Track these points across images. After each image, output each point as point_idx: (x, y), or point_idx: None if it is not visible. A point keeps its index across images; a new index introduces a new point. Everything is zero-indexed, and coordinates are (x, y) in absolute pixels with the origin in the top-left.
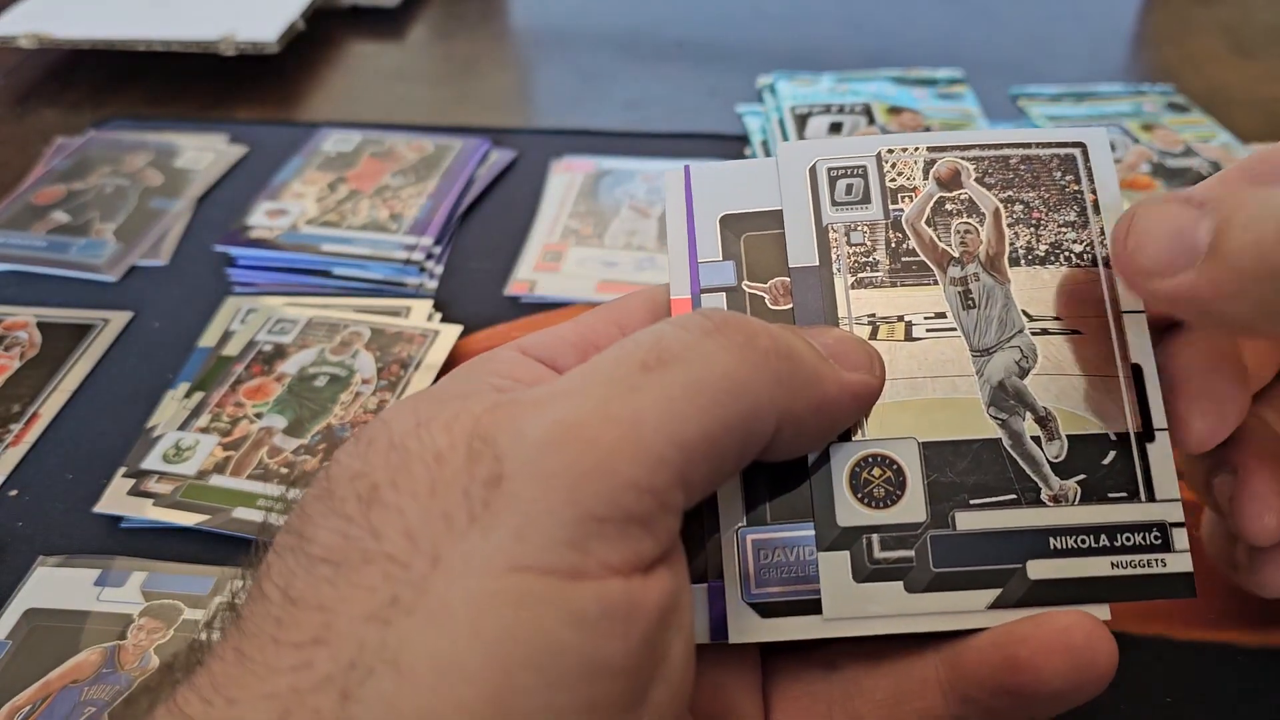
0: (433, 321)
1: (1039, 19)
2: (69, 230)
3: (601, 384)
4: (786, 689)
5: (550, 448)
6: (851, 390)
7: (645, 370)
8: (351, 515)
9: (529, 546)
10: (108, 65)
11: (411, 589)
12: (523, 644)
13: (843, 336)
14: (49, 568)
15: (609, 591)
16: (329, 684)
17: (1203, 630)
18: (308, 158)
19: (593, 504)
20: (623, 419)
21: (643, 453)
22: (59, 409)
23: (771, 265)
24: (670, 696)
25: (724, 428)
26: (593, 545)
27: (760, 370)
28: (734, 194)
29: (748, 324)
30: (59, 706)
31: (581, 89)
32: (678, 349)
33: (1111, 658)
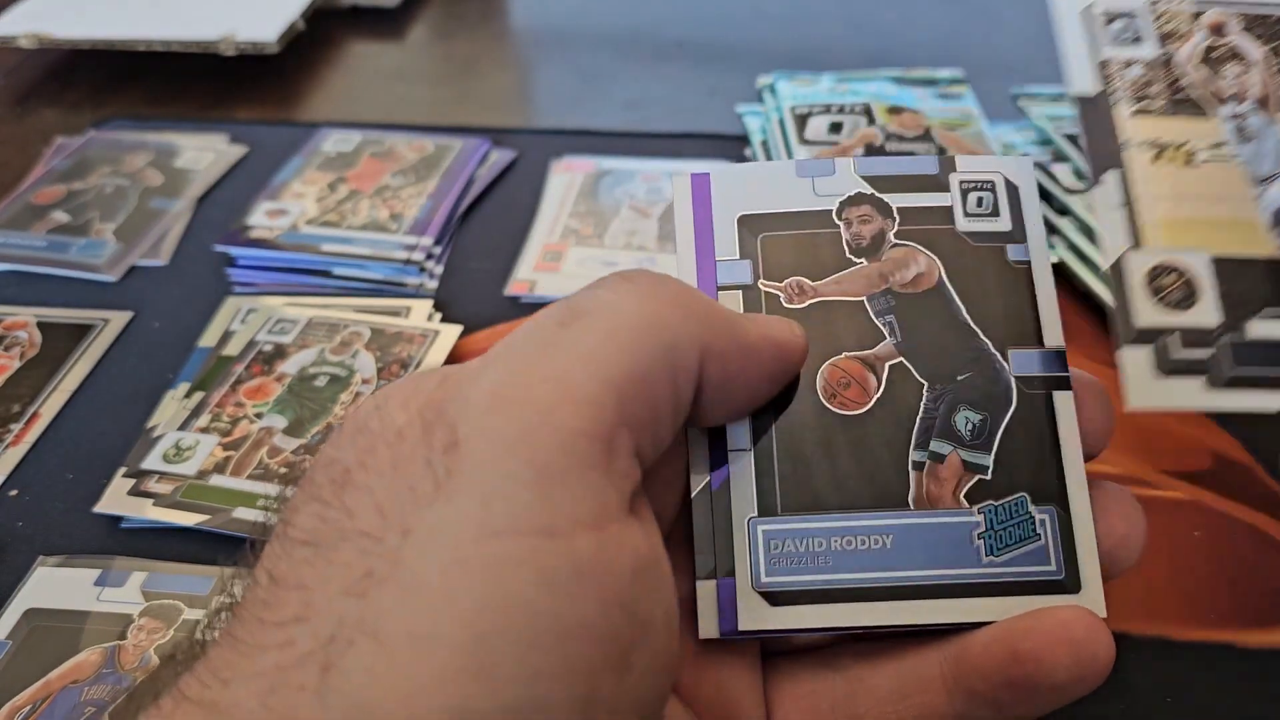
0: (433, 321)
1: (1039, 19)
2: (69, 230)
3: (526, 344)
4: (788, 687)
5: (494, 408)
6: (774, 340)
7: (562, 326)
8: (326, 498)
9: (495, 510)
10: (108, 65)
11: (385, 561)
12: (496, 608)
13: (760, 315)
14: (49, 568)
15: (580, 549)
16: (310, 659)
17: (1203, 630)
18: (308, 158)
19: (546, 458)
20: (552, 372)
21: (578, 399)
22: (59, 409)
23: (787, 265)
24: (653, 663)
25: (647, 361)
26: (557, 500)
27: (671, 307)
28: (752, 195)
29: (657, 274)
30: (59, 706)
31: (581, 89)
32: (588, 303)
33: (1110, 650)
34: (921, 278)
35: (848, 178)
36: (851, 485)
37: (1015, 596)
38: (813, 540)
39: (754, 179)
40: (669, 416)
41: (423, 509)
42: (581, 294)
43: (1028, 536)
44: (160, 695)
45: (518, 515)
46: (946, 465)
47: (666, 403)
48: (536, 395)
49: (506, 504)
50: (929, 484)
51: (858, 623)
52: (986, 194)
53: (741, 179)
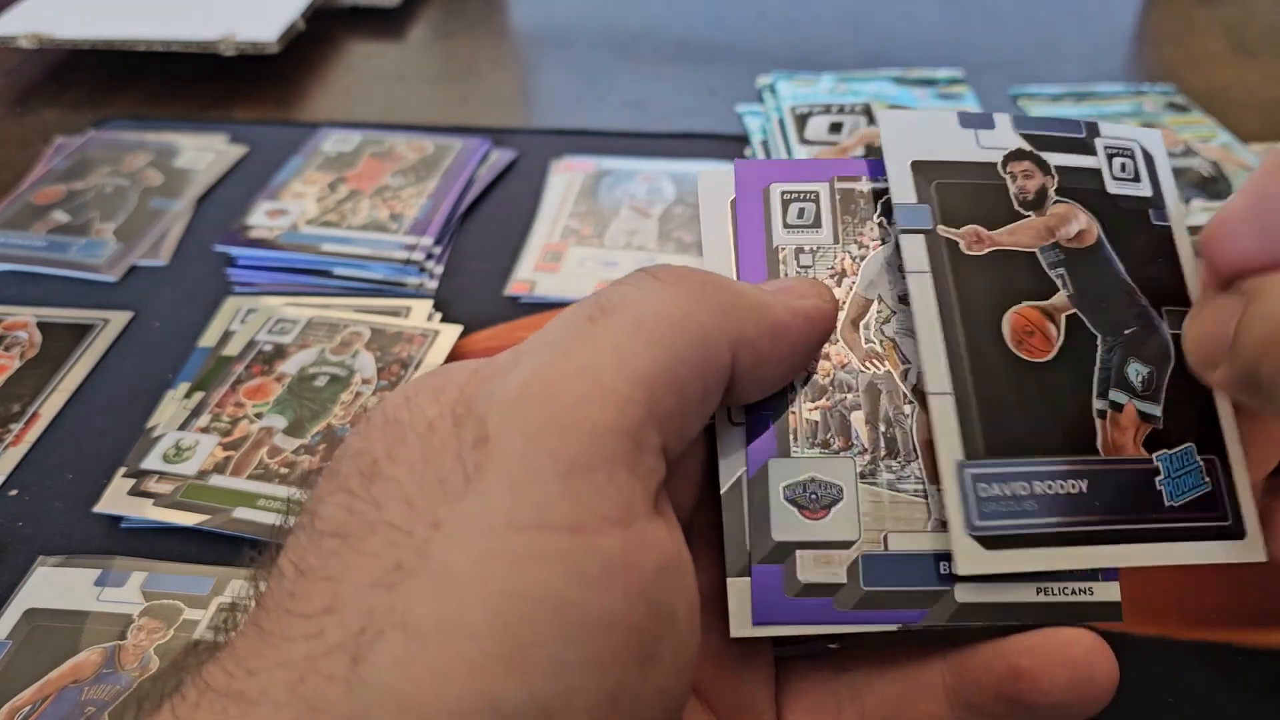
0: (433, 321)
1: (1039, 19)
2: (69, 230)
3: (555, 340)
4: (798, 687)
5: (524, 403)
6: (803, 313)
7: (591, 321)
8: (354, 490)
9: (525, 504)
10: (108, 65)
11: (414, 553)
12: (526, 600)
13: (787, 278)
14: (49, 568)
15: (608, 545)
16: (340, 650)
17: (1203, 630)
18: (308, 158)
19: (576, 453)
20: (583, 367)
21: (607, 395)
22: (59, 409)
23: (962, 213)
24: (676, 657)
25: (677, 358)
26: (585, 496)
27: (700, 302)
28: (922, 142)
29: (681, 268)
30: (59, 706)
31: (581, 89)
32: (617, 299)
33: (1111, 676)
34: (1084, 234)
35: (1008, 133)
36: (1046, 431)
37: (1193, 542)
38: (1020, 484)
39: (923, 126)
40: (697, 411)
41: (452, 502)
42: (609, 290)
43: (1199, 485)
44: (182, 685)
45: (546, 510)
46: (1125, 414)
47: (695, 398)
48: (566, 390)
49: (535, 498)
50: (1112, 432)
51: (1066, 566)
52: (1129, 160)
53: (911, 125)
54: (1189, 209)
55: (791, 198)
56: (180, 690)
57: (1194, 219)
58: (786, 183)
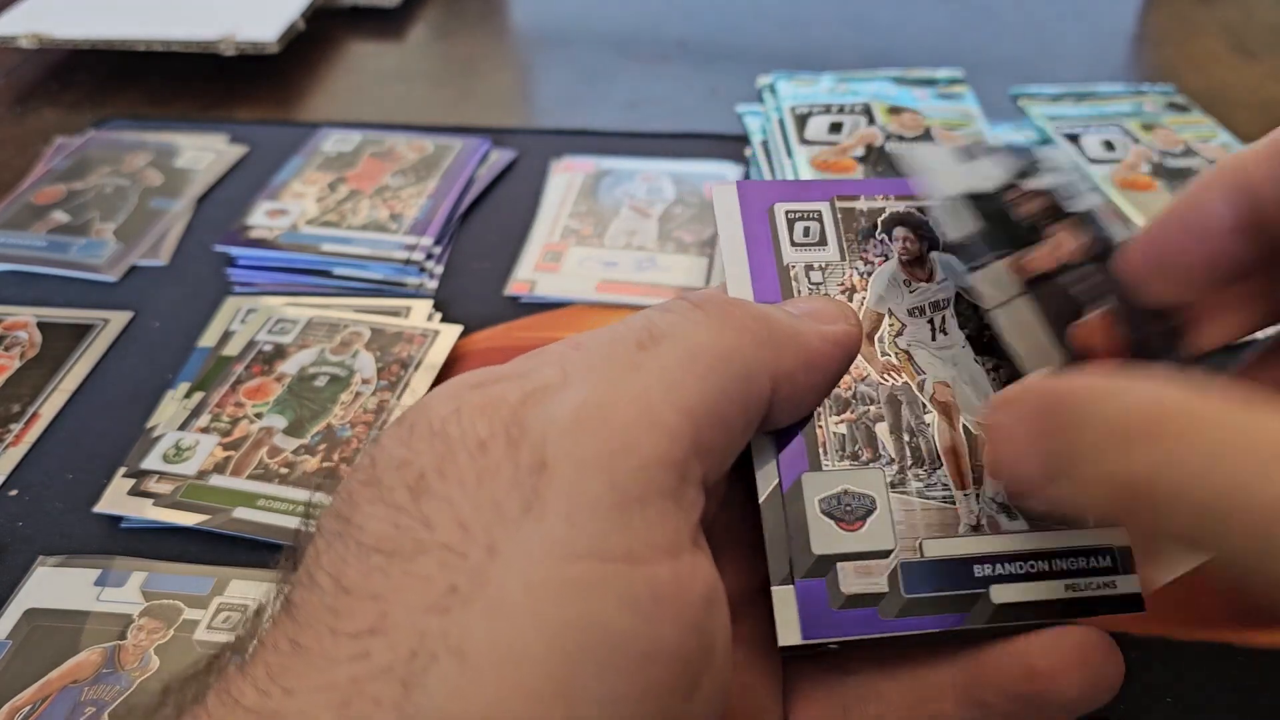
0: (433, 321)
1: (1039, 19)
2: (69, 230)
3: (604, 364)
4: (805, 691)
5: (579, 431)
6: (833, 340)
7: (640, 348)
8: (401, 504)
9: (582, 533)
10: (108, 65)
11: (470, 578)
12: (583, 630)
13: (813, 299)
14: (49, 568)
15: (659, 576)
16: (389, 674)
17: (1203, 630)
18: (308, 158)
19: (627, 484)
20: (634, 396)
21: (657, 426)
22: (59, 409)
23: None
24: (715, 687)
25: (722, 392)
26: (637, 527)
27: (742, 335)
28: (952, 175)
29: (722, 298)
30: (59, 706)
31: (581, 89)
32: (665, 327)
33: (1120, 670)
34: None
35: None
36: None
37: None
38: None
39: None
40: (737, 443)
41: (509, 528)
42: (656, 317)
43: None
44: (203, 697)
45: (601, 540)
46: None
47: (737, 430)
48: (619, 419)
49: (591, 528)
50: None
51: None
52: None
53: (939, 159)
54: None
55: (796, 216)
56: (204, 703)
57: None
58: (789, 202)
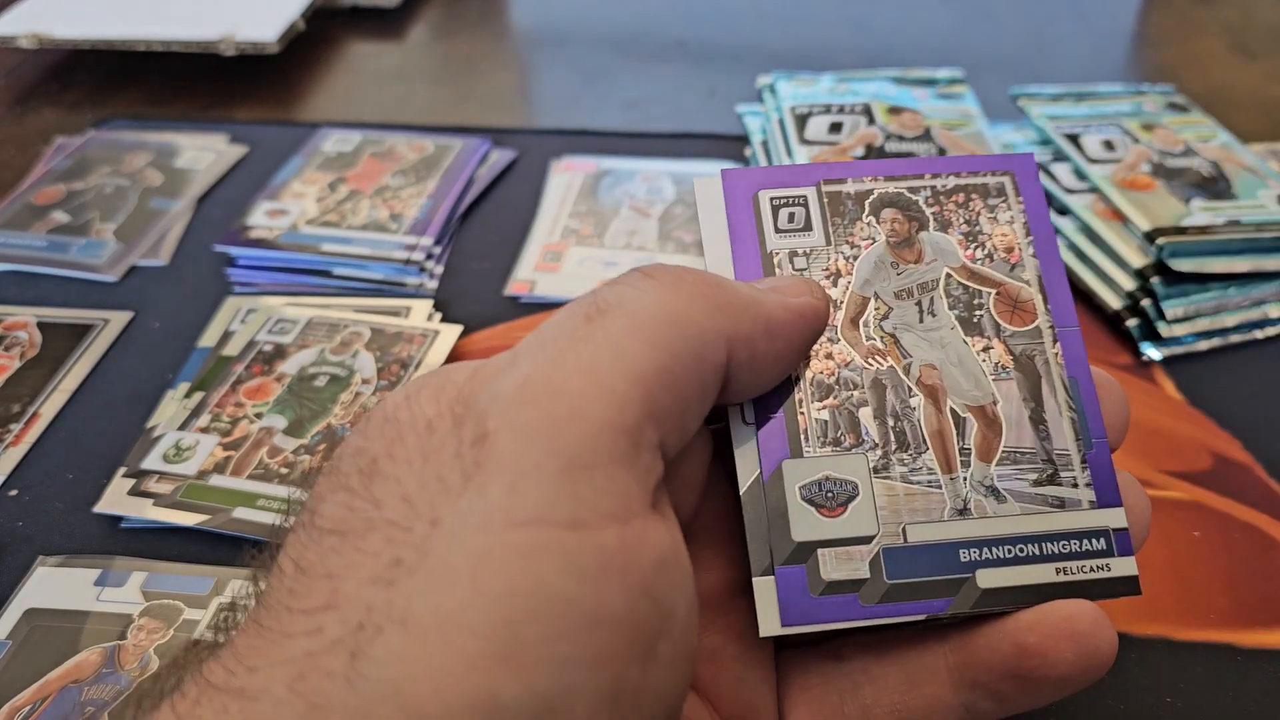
0: (433, 321)
1: (1039, 19)
2: (69, 230)
3: (553, 339)
4: (798, 679)
5: (523, 401)
6: (796, 310)
7: (588, 320)
8: (354, 488)
9: (524, 500)
10: (108, 65)
11: (413, 550)
12: (525, 596)
13: (781, 277)
14: (49, 568)
15: (606, 540)
16: (339, 646)
17: (1203, 630)
18: (308, 158)
19: (575, 451)
20: (580, 366)
21: (606, 393)
22: (59, 409)
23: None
24: (676, 654)
25: (673, 356)
26: (583, 493)
27: (694, 299)
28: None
29: (675, 267)
30: (59, 706)
31: (581, 89)
32: (613, 298)
33: (1113, 644)
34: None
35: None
36: None
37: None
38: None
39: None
40: (695, 409)
41: (451, 499)
42: (605, 290)
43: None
44: (183, 682)
45: (545, 507)
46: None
47: (693, 396)
48: (565, 388)
49: (534, 495)
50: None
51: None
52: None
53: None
54: (1189, 209)
55: (780, 203)
56: (180, 688)
57: (1194, 219)
58: (774, 189)
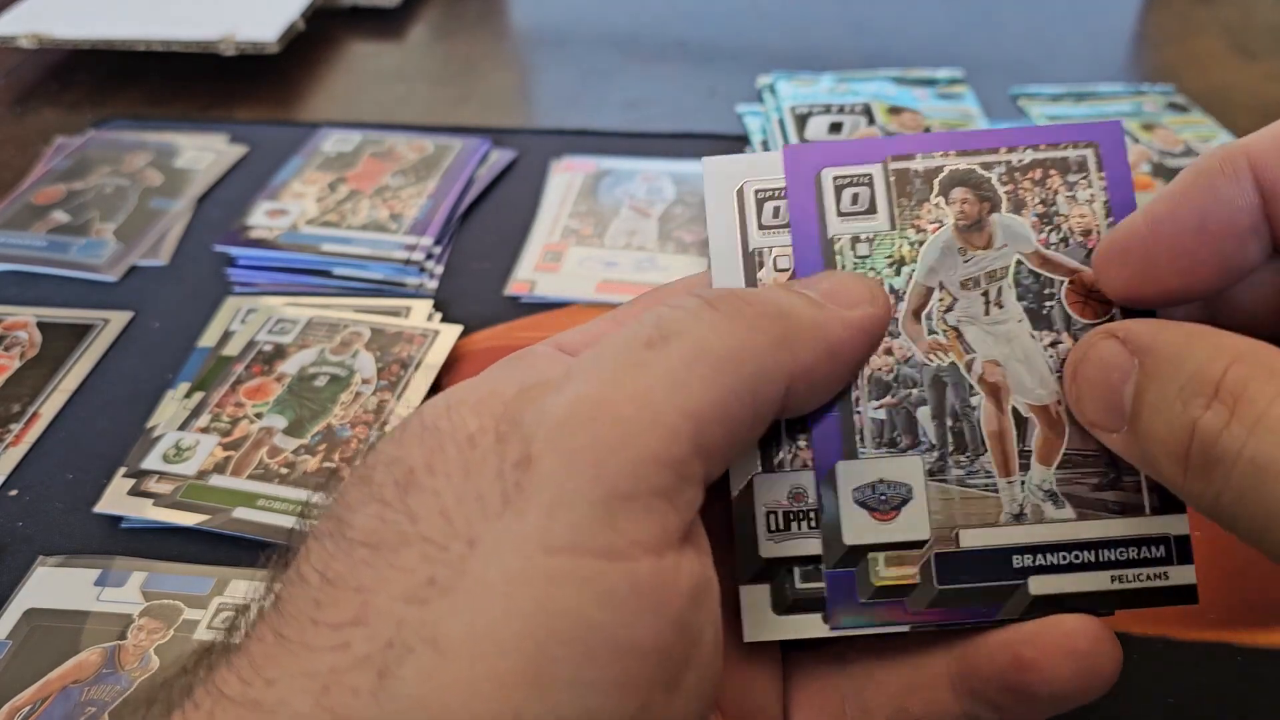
0: (433, 321)
1: (1039, 19)
2: (69, 230)
3: (610, 362)
4: (802, 681)
5: (571, 426)
6: (857, 326)
7: (649, 347)
8: (388, 499)
9: (561, 527)
10: (108, 65)
11: (448, 569)
12: (556, 620)
13: (837, 277)
14: (49, 568)
15: (640, 571)
16: (367, 663)
17: (1203, 630)
18: (308, 158)
19: (617, 480)
20: (634, 394)
21: (657, 425)
22: (59, 409)
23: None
24: (701, 682)
25: (730, 394)
26: (621, 523)
27: (756, 334)
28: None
29: (739, 293)
30: (59, 707)
31: (581, 89)
32: (676, 325)
33: (1116, 663)
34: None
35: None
36: None
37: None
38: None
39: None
40: (745, 442)
41: (490, 520)
42: (668, 315)
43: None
44: (193, 690)
45: (581, 534)
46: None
47: (744, 432)
48: (615, 416)
49: (571, 521)
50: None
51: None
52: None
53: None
54: None
55: (845, 182)
56: (191, 697)
57: None
58: (838, 166)
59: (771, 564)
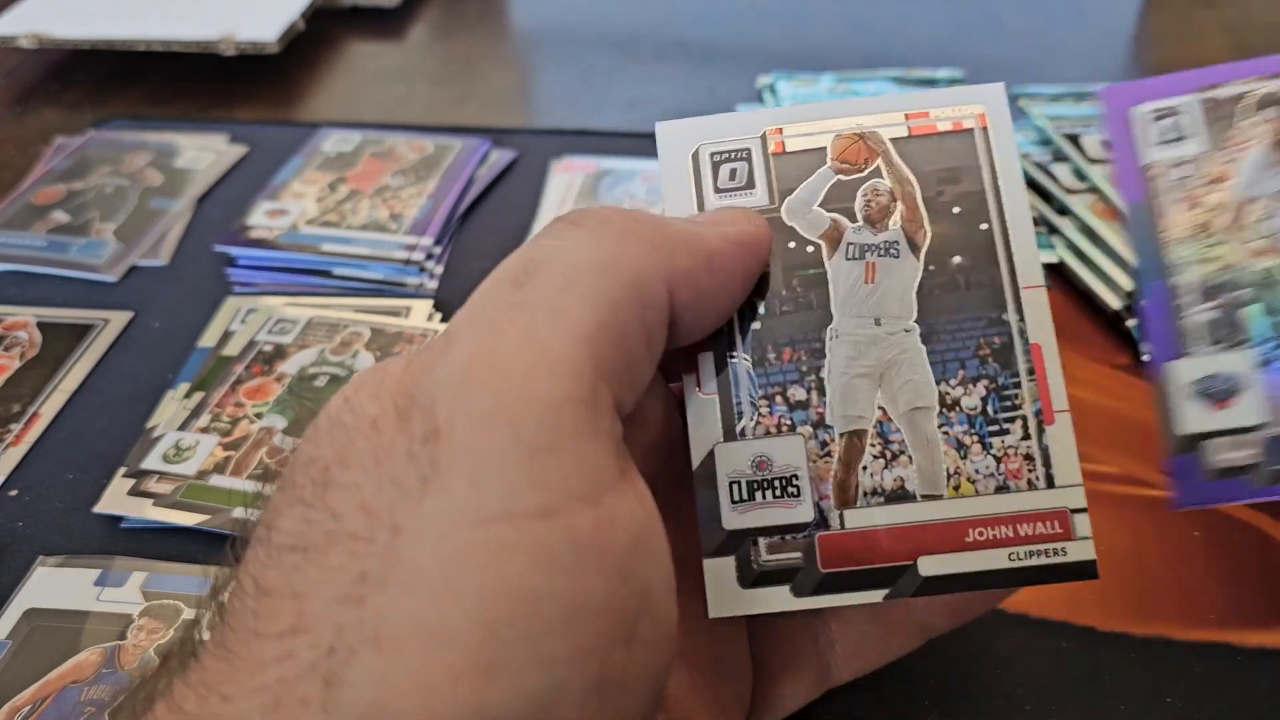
0: (433, 322)
1: (1039, 19)
2: (69, 230)
3: (485, 311)
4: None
5: (468, 386)
6: (735, 239)
7: (517, 285)
8: (309, 500)
9: (489, 494)
10: (108, 65)
11: (378, 561)
12: (501, 598)
13: (717, 210)
14: (49, 568)
15: (578, 526)
16: (312, 671)
17: (1203, 630)
18: (308, 158)
19: (534, 433)
20: (519, 336)
21: (552, 362)
22: (59, 409)
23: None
24: (657, 631)
25: (614, 305)
26: (550, 476)
27: (625, 241)
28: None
29: (601, 210)
30: (59, 707)
31: (581, 89)
32: (540, 254)
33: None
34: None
35: None
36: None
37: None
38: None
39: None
40: (644, 356)
41: (411, 503)
42: (530, 247)
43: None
44: (154, 705)
45: (511, 497)
46: None
47: (640, 343)
48: (509, 365)
49: (499, 487)
50: None
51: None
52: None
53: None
54: None
55: (1158, 115)
56: (152, 709)
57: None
58: (1152, 101)
59: (735, 535)
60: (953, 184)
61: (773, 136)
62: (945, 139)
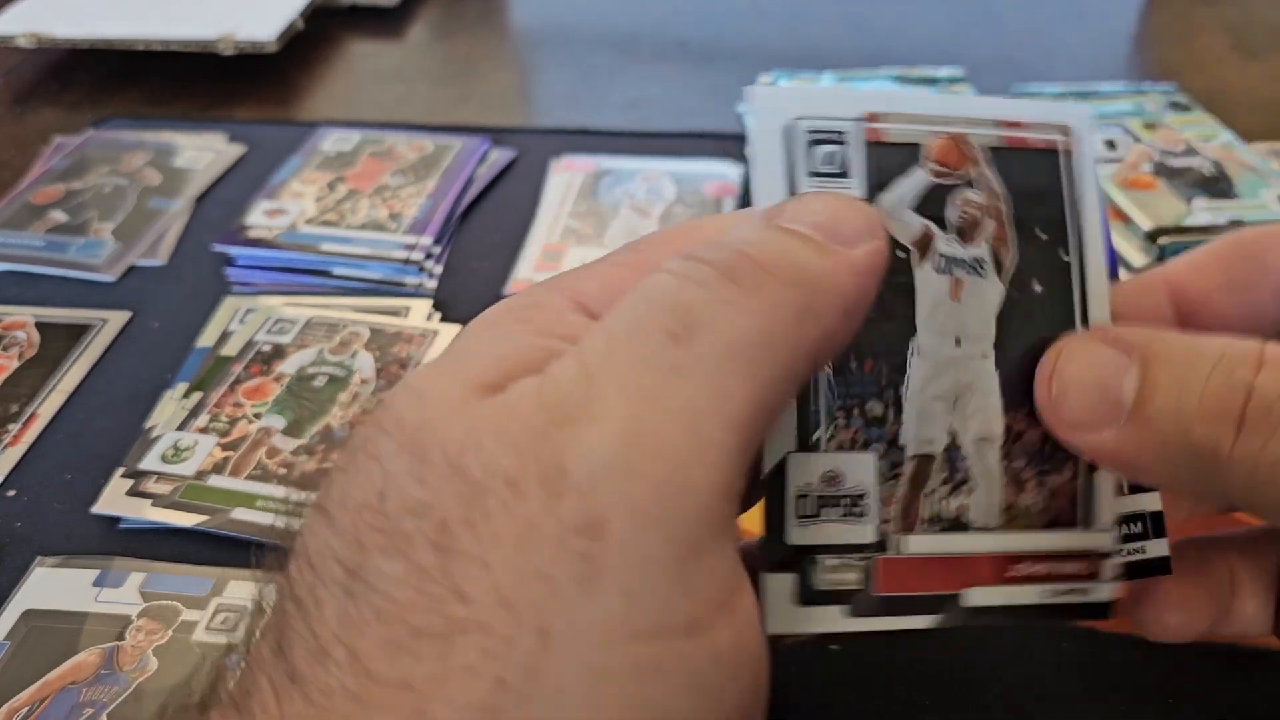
0: (432, 321)
1: (1040, 18)
2: (67, 230)
3: (638, 366)
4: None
5: (630, 476)
6: (865, 269)
7: (677, 343)
8: (424, 565)
9: (642, 608)
10: (107, 65)
11: (518, 670)
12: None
13: (830, 208)
14: (47, 568)
15: (721, 642)
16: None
17: None
18: (307, 157)
19: (687, 534)
20: (679, 414)
21: (710, 450)
22: (57, 409)
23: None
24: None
25: (769, 388)
26: (697, 583)
27: (782, 311)
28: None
29: (753, 257)
30: (57, 707)
31: (581, 89)
32: (700, 310)
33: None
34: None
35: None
36: None
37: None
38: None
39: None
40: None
41: (564, 605)
42: (687, 297)
43: None
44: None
45: (663, 611)
46: None
47: (780, 411)
48: (672, 452)
49: (652, 599)
50: None
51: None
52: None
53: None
54: (1190, 209)
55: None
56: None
57: (1196, 219)
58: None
59: (798, 550)
60: (1040, 205)
61: (869, 123)
62: (1034, 156)
